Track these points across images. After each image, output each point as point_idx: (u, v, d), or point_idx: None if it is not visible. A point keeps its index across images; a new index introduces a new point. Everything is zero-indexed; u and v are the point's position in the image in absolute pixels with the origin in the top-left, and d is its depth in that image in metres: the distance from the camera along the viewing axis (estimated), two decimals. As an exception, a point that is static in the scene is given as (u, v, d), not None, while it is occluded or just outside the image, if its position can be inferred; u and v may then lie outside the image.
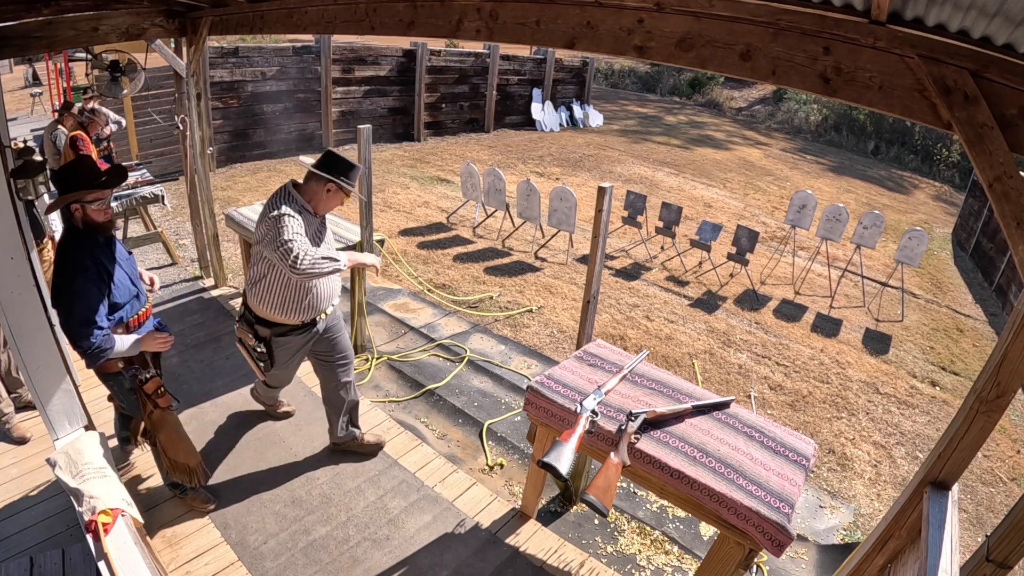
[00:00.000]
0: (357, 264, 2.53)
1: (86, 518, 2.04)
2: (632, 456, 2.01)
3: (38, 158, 3.08)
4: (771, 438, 2.09)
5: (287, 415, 3.27)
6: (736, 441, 2.06)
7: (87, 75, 4.42)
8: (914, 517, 1.63)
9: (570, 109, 14.56)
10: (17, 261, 2.32)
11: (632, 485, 3.27)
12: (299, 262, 2.17)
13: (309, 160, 2.43)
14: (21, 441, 2.88)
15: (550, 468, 1.85)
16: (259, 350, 2.53)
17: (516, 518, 2.75)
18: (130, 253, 2.37)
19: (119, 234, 5.23)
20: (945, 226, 10.80)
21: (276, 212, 2.25)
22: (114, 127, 5.60)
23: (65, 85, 8.05)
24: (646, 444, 2.03)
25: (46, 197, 3.51)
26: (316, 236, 2.44)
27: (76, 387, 2.78)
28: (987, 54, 1.20)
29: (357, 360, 4.18)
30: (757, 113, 18.95)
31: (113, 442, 2.75)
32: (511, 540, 2.63)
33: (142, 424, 2.42)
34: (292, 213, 2.26)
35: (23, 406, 3.02)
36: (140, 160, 6.58)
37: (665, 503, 3.17)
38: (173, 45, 4.07)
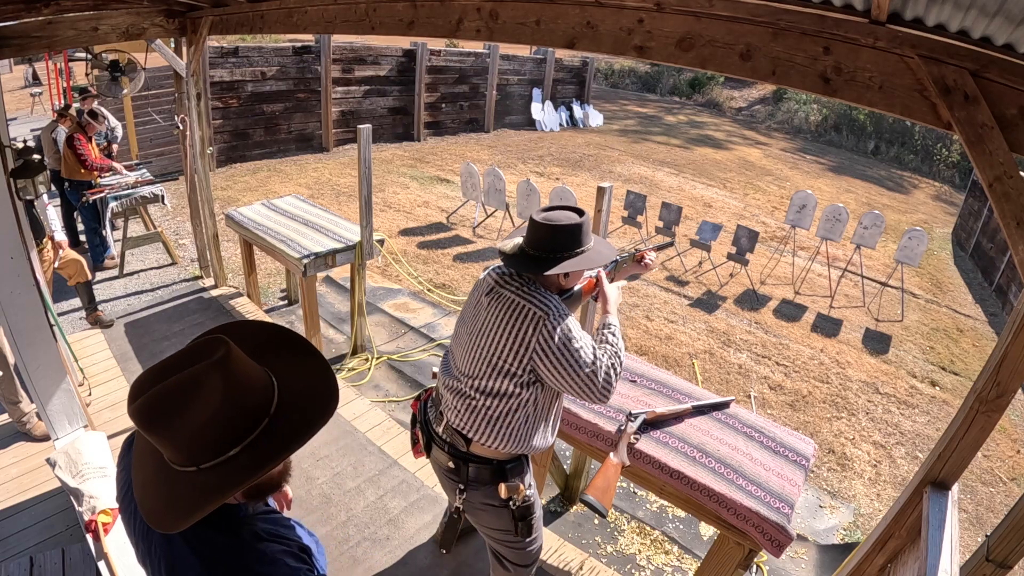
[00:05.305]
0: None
1: (86, 518, 2.05)
2: (632, 456, 2.01)
3: (38, 157, 3.07)
4: (771, 438, 2.09)
5: None
6: (736, 441, 2.06)
7: (87, 75, 4.42)
8: (914, 517, 1.63)
9: (570, 109, 14.55)
10: (17, 261, 2.33)
11: (632, 485, 3.27)
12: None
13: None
14: (45, 438, 2.87)
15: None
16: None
17: (516, 518, 2.75)
18: None
19: (118, 234, 5.23)
20: (945, 226, 10.80)
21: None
22: (117, 135, 5.60)
23: (65, 85, 8.05)
24: (646, 444, 2.03)
25: (45, 197, 3.50)
26: None
27: (76, 387, 2.79)
28: (987, 54, 1.20)
29: (357, 360, 4.18)
30: (757, 113, 18.94)
31: (112, 442, 2.75)
32: (511, 540, 2.62)
33: None
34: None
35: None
36: (140, 160, 6.58)
37: (665, 503, 3.17)
38: (173, 45, 4.07)
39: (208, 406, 0.78)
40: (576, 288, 1.74)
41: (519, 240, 1.63)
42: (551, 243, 1.56)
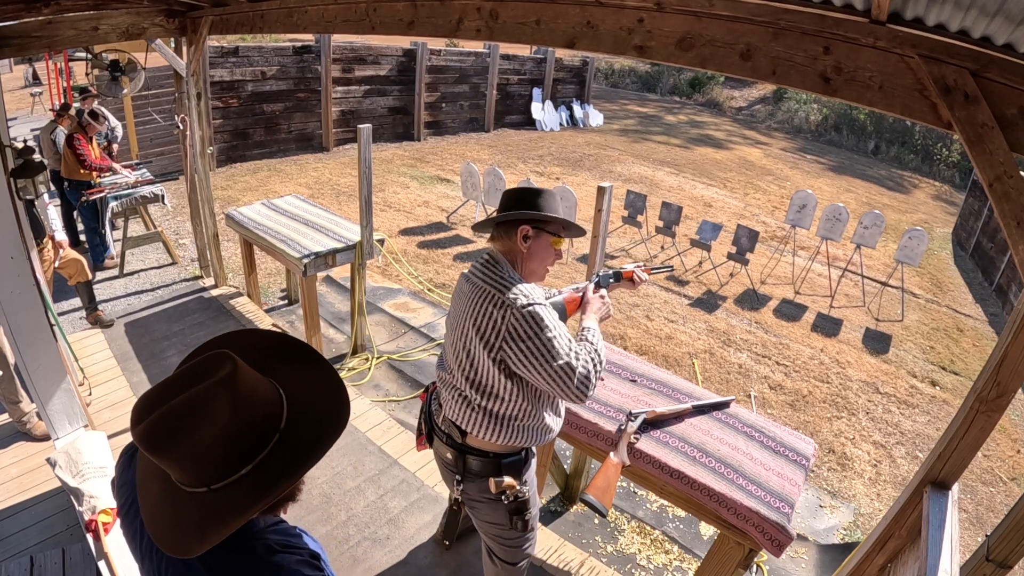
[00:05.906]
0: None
1: (86, 517, 2.05)
2: (632, 456, 2.01)
3: (38, 158, 3.07)
4: (771, 438, 2.09)
5: None
6: (736, 441, 2.06)
7: (87, 75, 4.42)
8: (914, 517, 1.63)
9: (570, 108, 14.55)
10: (17, 261, 2.33)
11: (632, 485, 3.27)
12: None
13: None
14: (45, 438, 2.88)
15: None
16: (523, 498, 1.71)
17: (516, 518, 2.75)
18: None
19: (118, 234, 5.23)
20: (945, 226, 10.79)
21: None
22: (117, 134, 5.60)
23: (65, 85, 8.05)
24: (646, 444, 2.03)
25: (46, 196, 3.50)
26: None
27: (76, 387, 2.79)
28: (987, 54, 1.20)
29: (357, 359, 4.18)
30: (757, 113, 18.94)
31: (112, 442, 2.75)
32: (511, 540, 2.62)
33: None
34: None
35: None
36: (140, 160, 6.58)
37: (665, 503, 3.17)
38: (173, 45, 4.07)
39: (216, 426, 0.75)
40: (559, 299, 1.76)
41: None
42: (510, 203, 1.64)
